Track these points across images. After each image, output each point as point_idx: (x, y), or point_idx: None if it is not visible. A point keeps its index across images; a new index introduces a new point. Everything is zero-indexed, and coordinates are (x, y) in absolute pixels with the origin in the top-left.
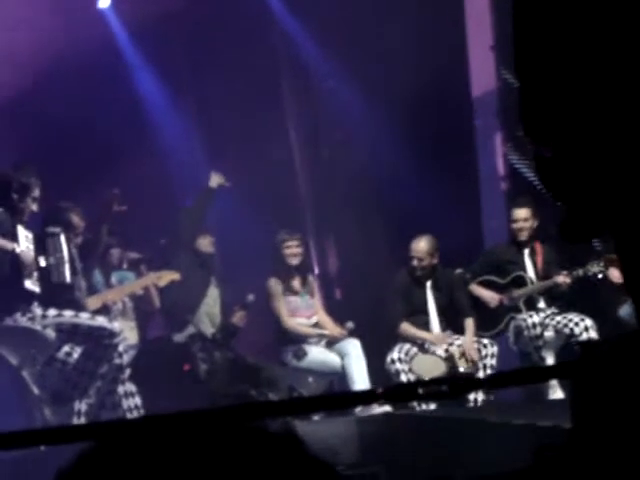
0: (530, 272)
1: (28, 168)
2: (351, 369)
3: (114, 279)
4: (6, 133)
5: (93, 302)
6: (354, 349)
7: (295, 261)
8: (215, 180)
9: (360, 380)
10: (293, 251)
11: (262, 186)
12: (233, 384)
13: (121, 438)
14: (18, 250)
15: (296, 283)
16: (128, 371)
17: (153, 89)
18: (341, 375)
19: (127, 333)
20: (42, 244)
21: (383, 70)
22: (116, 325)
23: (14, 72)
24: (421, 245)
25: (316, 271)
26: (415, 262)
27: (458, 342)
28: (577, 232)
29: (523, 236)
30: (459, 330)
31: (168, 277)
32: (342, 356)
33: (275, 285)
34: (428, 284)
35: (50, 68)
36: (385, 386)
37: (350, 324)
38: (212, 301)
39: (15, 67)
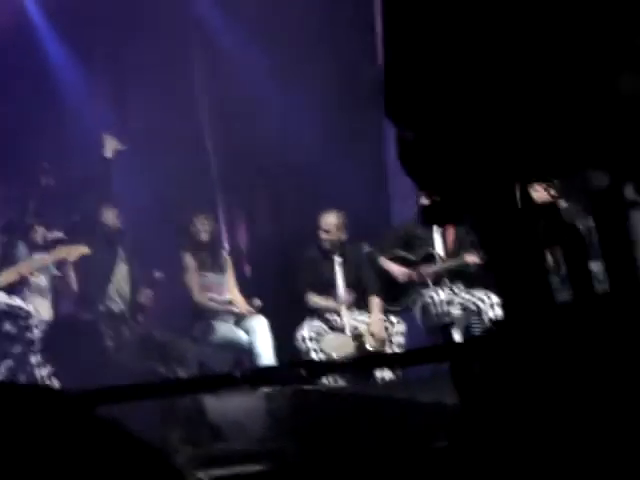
0: (440, 249)
1: None
2: (257, 346)
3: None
4: None
5: (8, 275)
6: (260, 326)
7: (205, 237)
8: (110, 147)
9: (266, 357)
10: (204, 227)
11: (172, 160)
12: (141, 360)
13: None
14: None
15: (209, 259)
16: (39, 345)
17: (64, 56)
18: (248, 351)
19: (43, 311)
20: None
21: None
22: (31, 307)
23: None
24: (330, 219)
25: (227, 247)
26: (324, 235)
27: (366, 320)
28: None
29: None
30: (366, 307)
31: (77, 251)
32: (249, 333)
33: (189, 260)
34: (336, 259)
35: None
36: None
37: (257, 301)
38: (121, 277)
39: None
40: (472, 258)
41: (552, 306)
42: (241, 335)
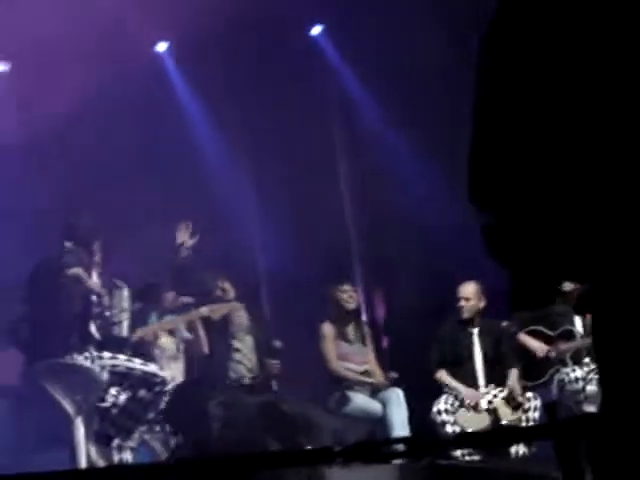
0: (578, 326)
1: (88, 215)
2: (392, 417)
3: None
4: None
5: (142, 332)
6: (396, 398)
7: (352, 305)
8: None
9: (400, 428)
10: (350, 295)
11: (312, 233)
12: (259, 433)
13: None
14: (91, 290)
15: (350, 329)
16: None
17: (207, 135)
18: (383, 423)
19: (177, 376)
20: (108, 295)
21: (429, 115)
22: (167, 373)
23: (65, 103)
24: (469, 288)
25: (364, 319)
26: (462, 302)
27: (502, 394)
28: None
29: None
30: (502, 382)
31: (223, 309)
32: (384, 404)
33: (328, 328)
34: (475, 332)
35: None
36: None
37: (393, 373)
38: (247, 348)
39: (65, 98)
40: None
41: None
42: (376, 406)
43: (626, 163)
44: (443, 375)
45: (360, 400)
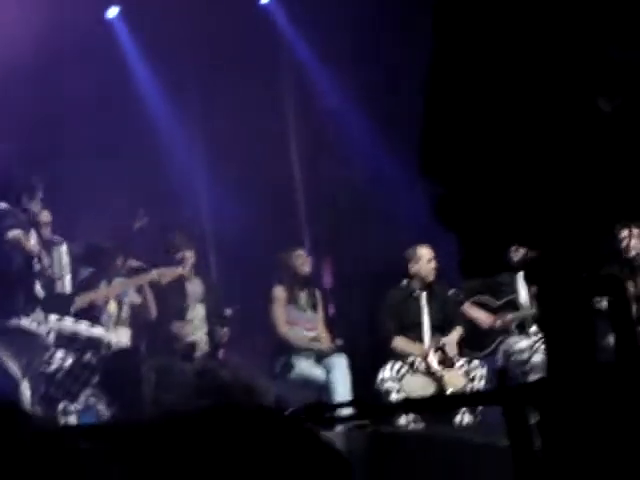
0: (523, 296)
1: (32, 168)
2: (335, 384)
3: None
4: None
5: (82, 299)
6: (340, 364)
7: (305, 270)
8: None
9: (342, 395)
10: (303, 260)
11: (261, 201)
12: (197, 396)
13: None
14: (31, 253)
15: (302, 295)
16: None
17: (158, 99)
18: (326, 390)
19: (124, 341)
20: (48, 252)
21: (385, 89)
22: (113, 337)
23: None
24: (423, 250)
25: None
26: (415, 267)
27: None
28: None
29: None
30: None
31: (171, 273)
32: (328, 371)
33: (280, 292)
34: (423, 297)
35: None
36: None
37: (339, 340)
38: (198, 318)
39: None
40: None
41: (595, 363)
42: (320, 373)
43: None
44: (400, 342)
45: (304, 366)
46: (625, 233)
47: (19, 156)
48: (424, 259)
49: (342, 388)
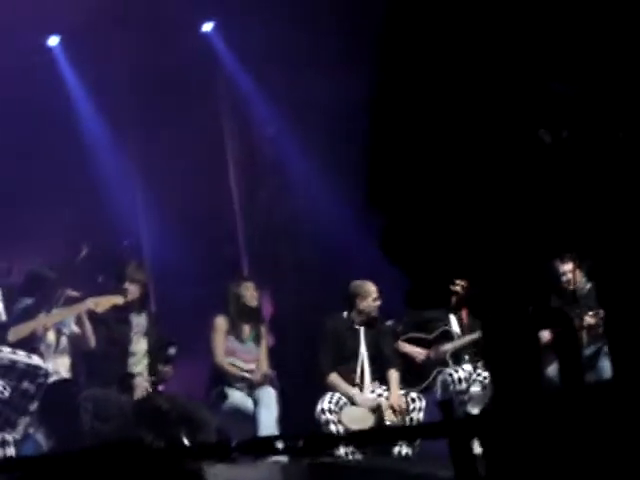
0: (455, 327)
1: None
2: (260, 417)
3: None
4: None
5: (22, 329)
6: (267, 397)
7: (254, 302)
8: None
9: (267, 427)
10: (252, 293)
11: (199, 230)
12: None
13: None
14: None
15: (246, 327)
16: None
17: (96, 125)
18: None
19: (63, 371)
20: None
21: (322, 119)
22: (50, 365)
23: None
24: (371, 287)
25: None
26: (365, 303)
27: (386, 394)
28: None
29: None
30: (386, 381)
31: (108, 302)
32: (255, 403)
33: (221, 322)
34: (362, 331)
35: None
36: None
37: (269, 371)
38: (140, 352)
39: None
40: None
41: (540, 393)
42: (249, 404)
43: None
44: (335, 379)
45: (237, 397)
46: (568, 267)
47: None
48: (371, 296)
49: (267, 422)
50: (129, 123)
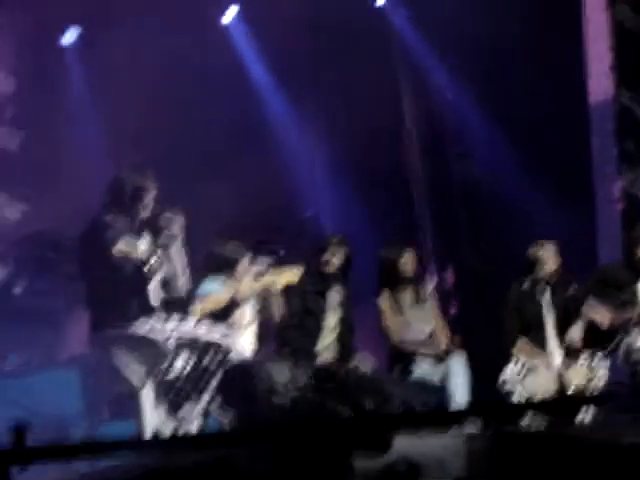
0: None
1: (144, 170)
2: (452, 384)
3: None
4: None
5: (206, 306)
6: (458, 364)
7: (409, 273)
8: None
9: (460, 395)
10: (407, 262)
11: (378, 197)
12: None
13: None
14: (141, 259)
15: (409, 295)
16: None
17: (274, 95)
18: (445, 391)
19: (246, 345)
20: (161, 251)
21: (501, 86)
22: (231, 341)
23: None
24: (550, 250)
25: (433, 283)
26: (539, 267)
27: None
28: None
29: None
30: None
31: (285, 278)
32: (447, 372)
33: (384, 301)
34: (545, 298)
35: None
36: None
37: (457, 338)
38: (329, 327)
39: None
40: None
41: None
42: (439, 373)
43: None
44: (522, 346)
45: (423, 369)
46: None
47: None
48: (551, 260)
49: (460, 388)
50: (307, 95)
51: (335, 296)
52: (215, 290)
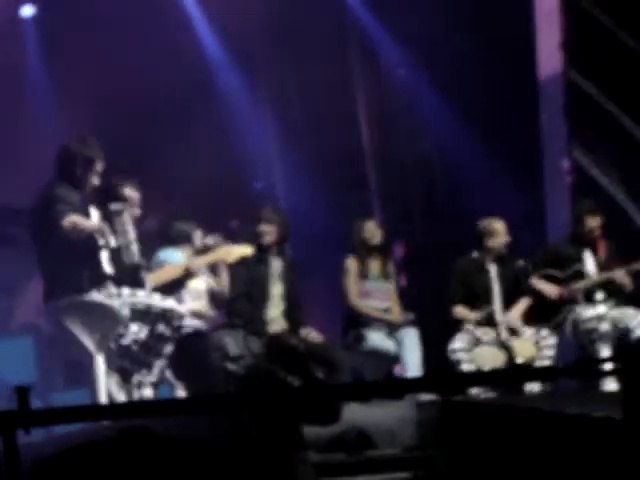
0: (590, 267)
1: (92, 141)
2: (406, 357)
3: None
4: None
5: (159, 277)
6: (411, 338)
7: (378, 241)
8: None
9: (413, 368)
10: (376, 232)
11: (331, 171)
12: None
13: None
14: (92, 229)
15: (374, 265)
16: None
17: (227, 68)
18: (397, 362)
19: (200, 314)
20: (109, 223)
21: (451, 63)
22: (184, 308)
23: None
24: (499, 225)
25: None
26: (489, 241)
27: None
28: None
29: (591, 240)
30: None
31: (237, 252)
32: (399, 343)
33: (351, 264)
34: (493, 270)
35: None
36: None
37: (411, 314)
38: (277, 296)
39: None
40: (621, 275)
41: None
42: (391, 345)
43: None
44: (461, 311)
45: (377, 338)
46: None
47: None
48: (500, 234)
49: (412, 361)
50: (260, 69)
51: (276, 265)
52: (170, 260)
